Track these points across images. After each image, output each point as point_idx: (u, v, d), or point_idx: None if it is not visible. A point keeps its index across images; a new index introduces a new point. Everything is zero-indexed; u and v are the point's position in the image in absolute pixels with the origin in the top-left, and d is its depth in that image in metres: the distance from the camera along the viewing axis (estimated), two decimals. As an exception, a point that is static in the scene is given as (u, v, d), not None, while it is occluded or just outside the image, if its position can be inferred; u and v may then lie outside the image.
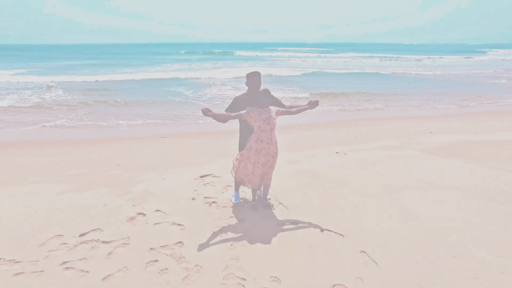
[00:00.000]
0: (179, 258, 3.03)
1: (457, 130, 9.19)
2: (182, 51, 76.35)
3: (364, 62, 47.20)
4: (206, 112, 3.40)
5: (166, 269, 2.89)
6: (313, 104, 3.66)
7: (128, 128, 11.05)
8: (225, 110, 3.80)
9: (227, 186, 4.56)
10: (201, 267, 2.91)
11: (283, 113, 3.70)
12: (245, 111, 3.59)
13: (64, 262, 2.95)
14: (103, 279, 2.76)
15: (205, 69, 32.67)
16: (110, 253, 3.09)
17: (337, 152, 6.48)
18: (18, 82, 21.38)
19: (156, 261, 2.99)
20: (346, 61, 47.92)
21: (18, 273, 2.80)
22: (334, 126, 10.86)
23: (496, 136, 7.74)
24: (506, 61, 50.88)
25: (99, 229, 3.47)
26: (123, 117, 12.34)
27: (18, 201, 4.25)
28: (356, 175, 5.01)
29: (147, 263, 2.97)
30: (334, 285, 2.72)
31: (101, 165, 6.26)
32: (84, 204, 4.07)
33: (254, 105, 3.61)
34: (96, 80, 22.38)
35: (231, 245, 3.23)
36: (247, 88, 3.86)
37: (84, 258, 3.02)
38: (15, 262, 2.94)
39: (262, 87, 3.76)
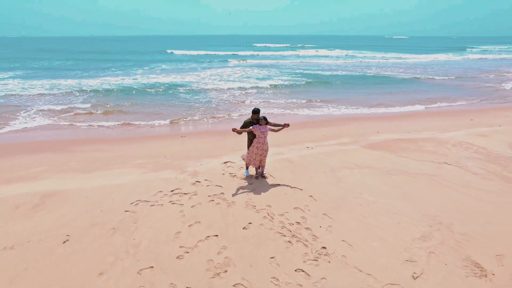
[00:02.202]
0: (223, 199, 6.40)
1: (397, 130, 12.71)
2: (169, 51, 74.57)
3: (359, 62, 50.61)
4: (234, 129, 6.74)
5: (218, 203, 6.26)
6: (286, 125, 7.01)
7: (150, 129, 14.23)
8: (240, 127, 7.12)
9: (241, 167, 7.93)
10: (234, 202, 6.29)
11: (272, 130, 7.06)
12: (252, 127, 6.93)
13: (170, 201, 6.28)
14: (192, 207, 6.11)
15: (194, 70, 35.76)
16: (190, 198, 6.43)
17: (307, 147, 9.90)
18: (31, 95, 24.08)
19: (212, 200, 6.35)
20: (337, 62, 51.31)
21: (152, 205, 6.12)
22: (312, 125, 14.26)
23: (419, 135, 11.28)
24: (485, 60, 55.40)
25: (179, 188, 6.80)
26: (142, 119, 15.46)
27: (122, 177, 7.52)
28: (315, 161, 8.43)
29: (208, 201, 6.32)
30: (295, 208, 6.13)
31: (153, 157, 9.51)
32: (163, 177, 7.38)
33: (256, 125, 6.93)
34: (101, 87, 25.24)
35: (247, 194, 6.61)
36: (251, 114, 7.15)
37: (178, 200, 6.35)
38: (147, 201, 6.26)
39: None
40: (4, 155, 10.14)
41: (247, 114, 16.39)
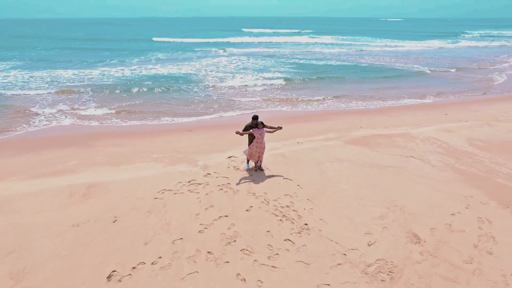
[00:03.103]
0: (230, 188, 8.17)
1: (379, 124, 14.44)
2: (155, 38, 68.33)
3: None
4: (237, 132, 8.44)
5: (226, 191, 8.03)
6: (279, 128, 8.71)
7: (157, 123, 15.83)
8: (242, 130, 8.80)
9: (242, 161, 9.67)
10: (238, 190, 8.07)
11: (268, 132, 8.77)
12: (252, 130, 8.63)
13: (189, 190, 8.03)
14: (206, 194, 7.88)
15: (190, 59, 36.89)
16: (203, 187, 8.19)
17: (298, 142, 11.63)
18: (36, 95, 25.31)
19: (221, 189, 8.12)
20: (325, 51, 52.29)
21: (175, 193, 7.88)
22: (304, 120, 15.94)
23: (395, 130, 13.03)
24: (477, 48, 56.74)
25: (194, 179, 8.55)
26: (149, 115, 17.03)
27: (146, 171, 9.23)
28: (304, 156, 10.18)
29: (218, 190, 8.09)
30: (285, 194, 7.92)
31: (167, 152, 11.19)
32: (179, 170, 9.10)
33: (255, 128, 8.63)
34: (103, 80, 26.55)
35: (248, 183, 8.39)
36: (251, 119, 8.82)
37: (194, 189, 8.11)
38: (170, 190, 8.01)
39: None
40: (39, 151, 11.76)
41: (245, 108, 18.02)
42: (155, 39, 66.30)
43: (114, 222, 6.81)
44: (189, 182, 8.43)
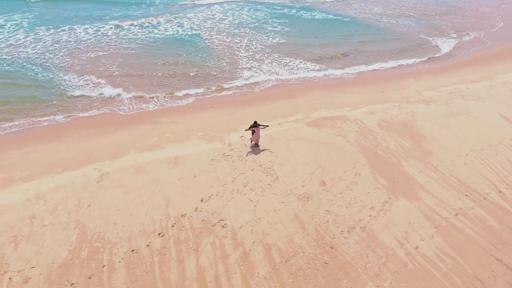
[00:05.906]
0: (243, 158, 16.95)
1: (333, 103, 22.44)
2: None
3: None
4: (246, 129, 16.83)
5: (242, 160, 16.82)
6: (267, 126, 17.05)
7: (188, 99, 23.56)
8: (249, 128, 17.08)
9: (248, 140, 18.21)
10: (247, 159, 16.87)
11: (261, 128, 17.14)
12: (254, 128, 16.98)
13: (223, 159, 16.80)
14: (232, 161, 16.68)
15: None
16: (231, 157, 16.94)
17: (279, 123, 19.93)
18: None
19: (239, 158, 16.89)
20: None
21: (218, 161, 16.67)
22: (282, 96, 23.74)
23: (339, 111, 21.22)
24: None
25: (225, 152, 17.25)
26: (175, 90, 24.49)
27: (199, 146, 17.80)
28: (280, 135, 18.68)
29: (238, 159, 16.87)
30: (269, 161, 16.77)
31: (205, 130, 19.47)
32: (216, 147, 17.70)
33: (255, 127, 16.94)
34: (119, 43, 32.51)
35: (251, 155, 17.14)
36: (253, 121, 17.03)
37: (226, 158, 16.86)
38: (215, 159, 16.78)
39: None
40: (127, 127, 19.90)
41: (247, 86, 25.54)
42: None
43: (195, 177, 15.72)
44: (223, 154, 17.13)
